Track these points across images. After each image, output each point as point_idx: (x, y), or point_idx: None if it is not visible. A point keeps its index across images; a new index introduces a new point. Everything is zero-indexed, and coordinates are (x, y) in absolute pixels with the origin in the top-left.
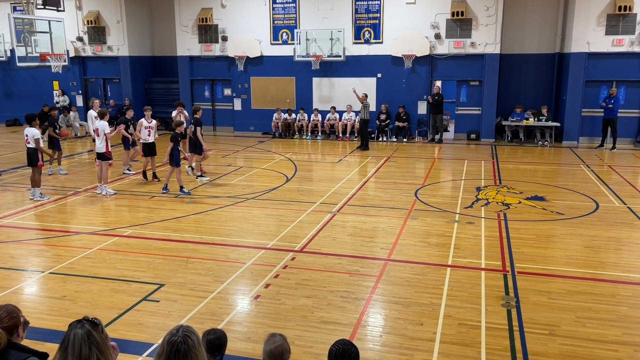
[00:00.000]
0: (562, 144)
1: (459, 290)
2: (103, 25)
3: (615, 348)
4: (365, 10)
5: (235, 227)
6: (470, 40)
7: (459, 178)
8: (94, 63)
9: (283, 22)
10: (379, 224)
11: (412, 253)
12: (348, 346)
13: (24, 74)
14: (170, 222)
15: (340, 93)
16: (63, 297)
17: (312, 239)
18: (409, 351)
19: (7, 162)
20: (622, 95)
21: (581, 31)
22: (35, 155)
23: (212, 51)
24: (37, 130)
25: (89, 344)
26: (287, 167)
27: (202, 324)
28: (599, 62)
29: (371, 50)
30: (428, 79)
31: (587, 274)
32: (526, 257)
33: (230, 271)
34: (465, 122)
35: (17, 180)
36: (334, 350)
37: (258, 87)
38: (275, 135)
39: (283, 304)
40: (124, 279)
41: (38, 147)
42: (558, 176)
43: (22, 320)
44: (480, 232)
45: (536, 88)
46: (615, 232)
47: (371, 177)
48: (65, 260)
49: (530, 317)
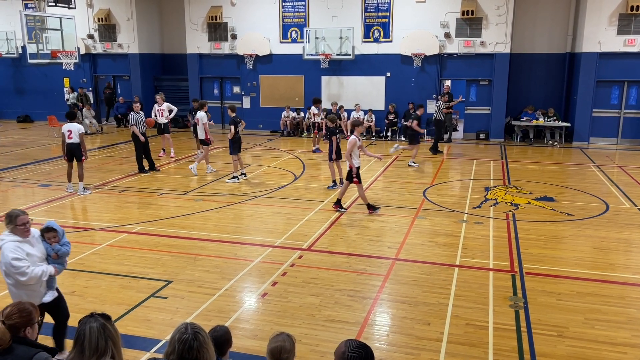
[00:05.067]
0: (572, 144)
1: (467, 290)
2: (113, 23)
3: (624, 350)
4: (375, 9)
5: (243, 224)
6: (480, 40)
7: (468, 178)
8: (104, 60)
9: (292, 20)
10: (387, 223)
11: (419, 252)
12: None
13: (35, 70)
14: (178, 219)
15: (349, 92)
16: (72, 292)
17: (319, 238)
18: (416, 351)
19: (18, 158)
20: (633, 95)
21: (592, 31)
22: (79, 150)
23: (221, 49)
24: (81, 126)
25: (105, 337)
26: (296, 165)
27: (210, 321)
28: (610, 62)
29: (380, 49)
30: (437, 78)
31: (596, 276)
32: (535, 258)
33: (238, 269)
34: (474, 122)
35: (28, 176)
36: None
37: (267, 85)
38: (284, 134)
39: (290, 302)
40: (132, 275)
41: (82, 142)
42: (568, 177)
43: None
44: (489, 233)
45: (546, 88)
46: (625, 234)
47: (379, 176)
48: (75, 256)
49: (539, 318)
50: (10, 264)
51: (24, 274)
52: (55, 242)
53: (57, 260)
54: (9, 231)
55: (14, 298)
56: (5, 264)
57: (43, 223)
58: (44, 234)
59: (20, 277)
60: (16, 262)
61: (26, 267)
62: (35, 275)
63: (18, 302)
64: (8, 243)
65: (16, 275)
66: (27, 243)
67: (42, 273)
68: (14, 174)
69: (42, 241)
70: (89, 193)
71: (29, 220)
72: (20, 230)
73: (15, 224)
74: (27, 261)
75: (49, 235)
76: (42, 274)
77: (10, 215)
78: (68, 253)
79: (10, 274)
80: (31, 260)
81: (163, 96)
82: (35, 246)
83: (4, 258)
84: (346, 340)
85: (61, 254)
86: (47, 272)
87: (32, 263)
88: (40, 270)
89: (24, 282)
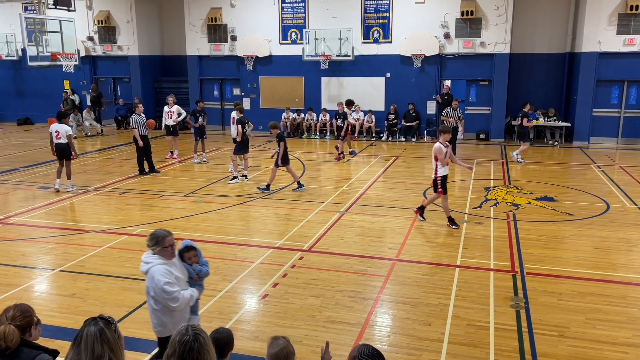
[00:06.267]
0: (573, 144)
1: (468, 290)
2: (113, 25)
3: (626, 350)
4: (375, 10)
5: (243, 226)
6: (480, 40)
7: (468, 178)
8: (104, 62)
9: (292, 21)
10: (387, 223)
11: (420, 253)
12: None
13: (35, 73)
14: (179, 220)
15: (349, 92)
16: (73, 294)
17: (320, 239)
18: (417, 351)
19: (18, 160)
20: (633, 95)
21: (592, 30)
22: (68, 149)
23: (221, 51)
24: (68, 127)
25: (101, 342)
26: (296, 166)
27: (210, 322)
28: (610, 62)
29: (380, 50)
30: (437, 78)
31: (597, 275)
32: (535, 258)
33: (239, 270)
34: (474, 122)
35: (28, 178)
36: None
37: (267, 87)
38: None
39: (291, 303)
40: (133, 277)
41: (70, 142)
42: (568, 176)
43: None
44: (489, 233)
45: (546, 88)
46: (626, 233)
47: (379, 176)
48: (75, 258)
49: (540, 318)
50: (162, 290)
51: (176, 299)
52: (195, 262)
53: (197, 282)
54: (154, 252)
55: (157, 325)
56: (156, 289)
57: (41, 225)
58: (184, 253)
59: (172, 303)
60: (168, 287)
61: (177, 292)
62: (185, 300)
63: (19, 304)
64: (157, 266)
65: (168, 301)
66: (173, 265)
67: (190, 297)
68: (15, 177)
69: (182, 262)
70: (74, 189)
71: (175, 241)
72: (167, 252)
73: (162, 245)
74: (177, 285)
75: (189, 254)
76: (190, 298)
77: (157, 236)
78: (208, 274)
79: (161, 300)
80: (179, 283)
81: (174, 98)
82: (179, 267)
83: (154, 283)
84: (360, 345)
85: (202, 275)
86: (194, 297)
87: (179, 286)
88: (189, 294)
89: (175, 308)
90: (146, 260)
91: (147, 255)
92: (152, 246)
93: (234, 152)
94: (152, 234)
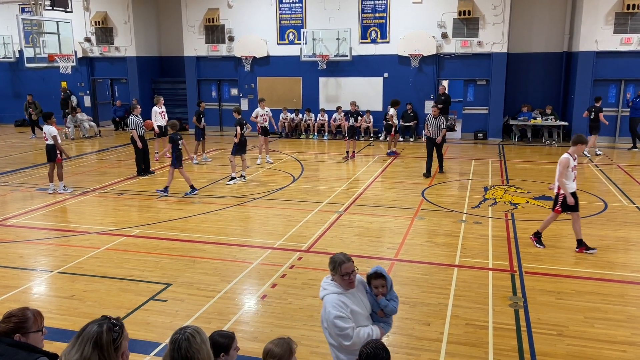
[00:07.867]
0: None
1: (466, 290)
2: (110, 26)
3: (624, 349)
4: (372, 10)
5: (242, 226)
6: (478, 40)
7: (466, 178)
8: (102, 63)
9: (289, 22)
10: (386, 223)
11: (419, 253)
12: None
13: (32, 74)
14: (177, 221)
15: (347, 93)
16: (71, 296)
17: (318, 239)
18: (416, 351)
19: (16, 162)
20: (630, 94)
21: (589, 30)
22: (53, 150)
23: (218, 51)
24: (54, 128)
25: (94, 346)
26: (294, 166)
27: (209, 323)
28: (607, 61)
29: (378, 50)
30: (435, 78)
31: (596, 274)
32: (534, 257)
33: (237, 271)
34: (472, 122)
35: (26, 180)
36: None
37: (265, 87)
38: (282, 135)
39: (290, 303)
40: (131, 278)
41: (56, 144)
42: None
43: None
44: (488, 232)
45: (544, 87)
46: (624, 232)
47: (378, 176)
48: (74, 259)
49: (538, 318)
50: (333, 324)
51: (348, 337)
52: (382, 292)
53: (382, 319)
54: (331, 279)
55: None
56: (328, 321)
57: (39, 227)
58: (372, 280)
59: (344, 340)
60: (340, 321)
61: (351, 328)
62: (360, 340)
63: (24, 308)
64: (331, 295)
65: (339, 337)
66: (351, 296)
67: (367, 337)
68: (12, 178)
69: (367, 292)
70: (69, 192)
71: (355, 269)
72: (343, 281)
73: (339, 272)
74: (351, 321)
75: (376, 283)
76: (368, 337)
77: (335, 262)
78: (395, 311)
79: (332, 334)
80: (355, 318)
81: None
82: (359, 299)
83: (326, 314)
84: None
85: (388, 311)
86: (373, 336)
87: (356, 322)
88: (366, 333)
89: (347, 347)
90: (324, 287)
91: (325, 281)
92: (331, 271)
93: (232, 152)
94: (332, 258)
